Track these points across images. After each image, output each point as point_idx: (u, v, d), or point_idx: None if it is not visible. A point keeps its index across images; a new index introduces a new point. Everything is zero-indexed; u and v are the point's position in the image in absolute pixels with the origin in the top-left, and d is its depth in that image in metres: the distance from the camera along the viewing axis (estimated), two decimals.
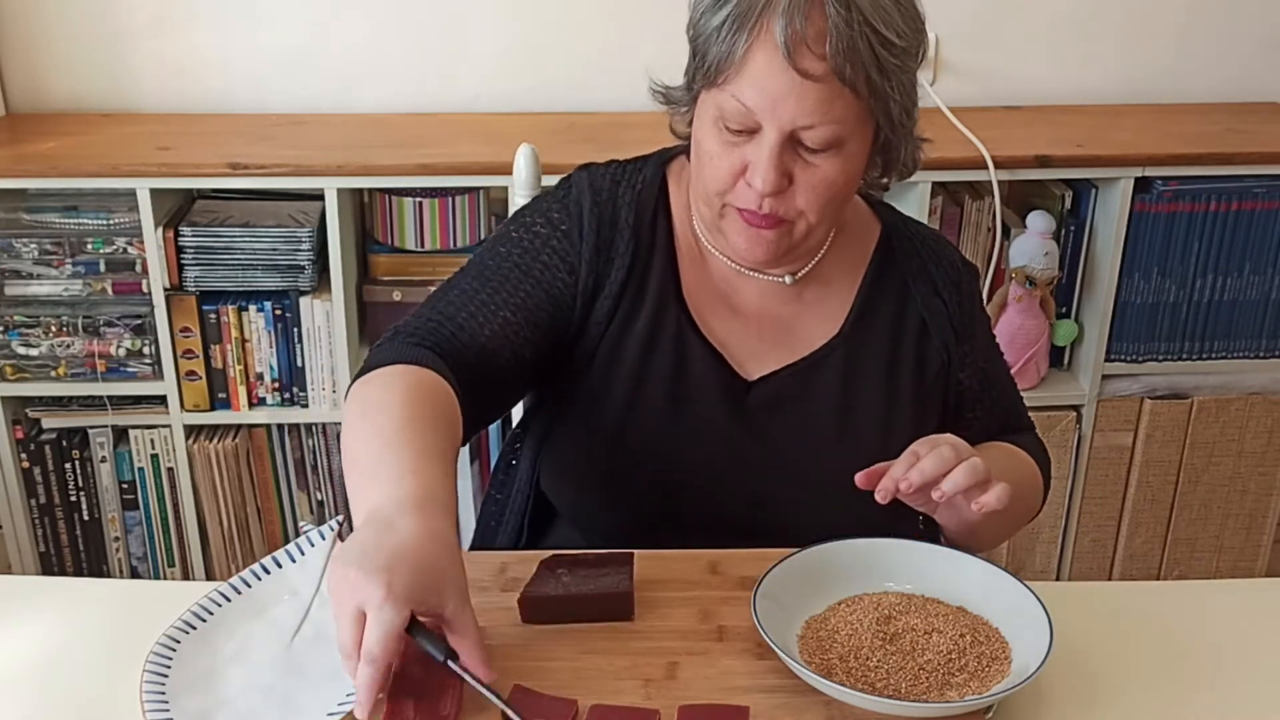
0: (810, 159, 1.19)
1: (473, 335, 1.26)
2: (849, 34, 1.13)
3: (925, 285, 1.36)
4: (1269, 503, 2.47)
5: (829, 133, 1.17)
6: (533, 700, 1.02)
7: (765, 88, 1.15)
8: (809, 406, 1.32)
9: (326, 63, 2.39)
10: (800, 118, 1.16)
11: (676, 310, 1.31)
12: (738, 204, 1.22)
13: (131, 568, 2.41)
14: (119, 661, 1.10)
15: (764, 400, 1.32)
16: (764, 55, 1.15)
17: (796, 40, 1.13)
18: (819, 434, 1.32)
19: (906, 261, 1.36)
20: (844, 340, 1.33)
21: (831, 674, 1.04)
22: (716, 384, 1.31)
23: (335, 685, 1.07)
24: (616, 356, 1.31)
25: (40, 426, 2.32)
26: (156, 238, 2.15)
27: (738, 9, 1.15)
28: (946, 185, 2.29)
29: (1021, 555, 2.47)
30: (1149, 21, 2.44)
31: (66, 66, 2.37)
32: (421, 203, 2.24)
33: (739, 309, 1.33)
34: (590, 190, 1.33)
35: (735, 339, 1.32)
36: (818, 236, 1.27)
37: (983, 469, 1.13)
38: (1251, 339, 2.35)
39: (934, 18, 2.46)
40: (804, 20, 1.13)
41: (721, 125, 1.19)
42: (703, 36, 1.19)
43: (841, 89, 1.15)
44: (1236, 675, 1.11)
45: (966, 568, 1.16)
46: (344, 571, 0.97)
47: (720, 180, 1.22)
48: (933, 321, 1.35)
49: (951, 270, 1.38)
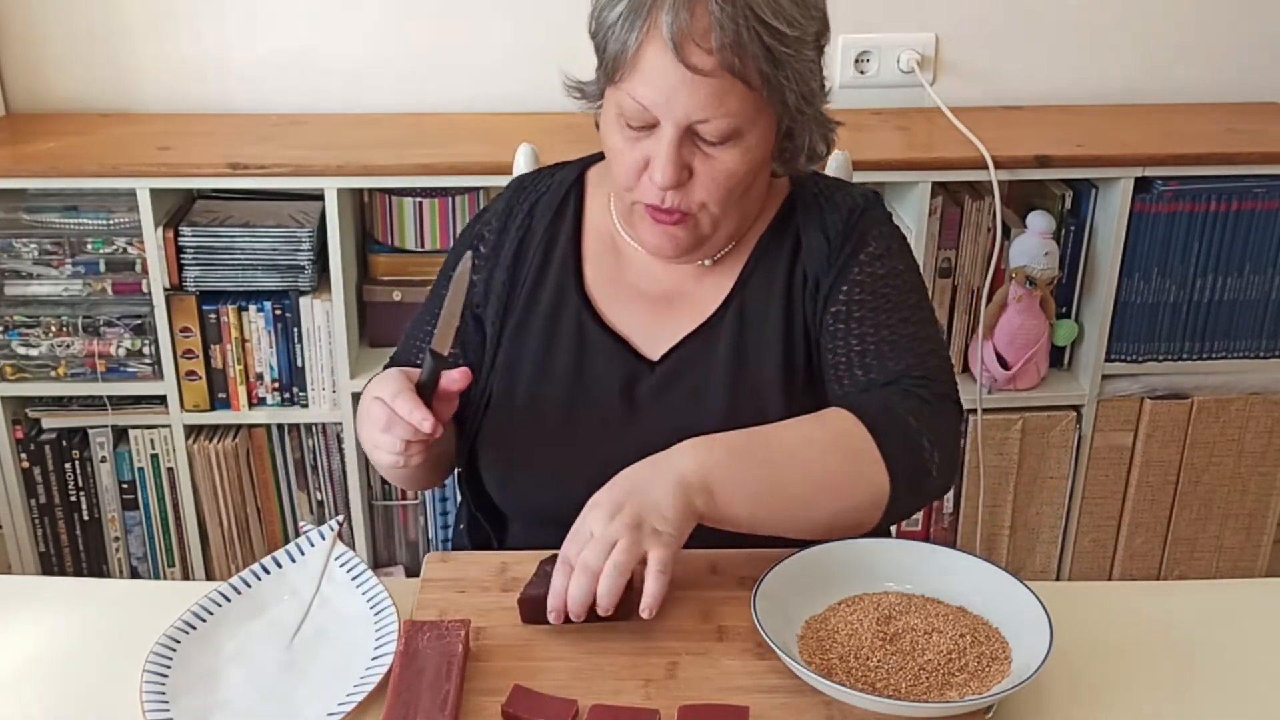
0: (709, 151, 1.21)
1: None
2: (734, 27, 1.14)
3: (815, 229, 1.33)
4: (1269, 503, 2.47)
5: (725, 125, 1.19)
6: (533, 700, 1.02)
7: (657, 84, 1.17)
8: (704, 372, 1.32)
9: (326, 63, 2.39)
10: (694, 112, 1.18)
11: (577, 304, 1.34)
12: (644, 199, 1.25)
13: (131, 568, 2.41)
14: (119, 661, 1.10)
15: (663, 377, 1.33)
16: (654, 52, 1.17)
17: (683, 36, 1.15)
18: (713, 396, 1.31)
19: (805, 214, 1.35)
20: (735, 299, 1.33)
21: (831, 674, 1.04)
22: (619, 371, 1.33)
23: (335, 685, 1.07)
24: (518, 356, 1.36)
25: (40, 426, 2.32)
26: (156, 238, 2.15)
27: (631, 3, 1.17)
28: (946, 185, 2.29)
29: (1021, 555, 2.47)
30: (1149, 21, 2.44)
31: (66, 66, 2.37)
32: (421, 203, 2.24)
33: (649, 294, 1.35)
34: (498, 204, 1.40)
35: (642, 324, 1.35)
36: (726, 229, 1.29)
37: (618, 571, 1.07)
38: (1251, 339, 2.35)
39: (934, 18, 2.49)
40: (689, 16, 1.14)
41: (623, 122, 1.22)
42: (602, 31, 1.22)
43: (733, 82, 1.17)
44: (1236, 675, 1.11)
45: (966, 568, 1.16)
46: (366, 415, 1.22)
47: (626, 175, 1.25)
48: (811, 261, 1.32)
49: (847, 210, 1.33)
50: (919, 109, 2.42)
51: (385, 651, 1.09)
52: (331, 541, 1.22)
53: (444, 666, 1.04)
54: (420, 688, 1.02)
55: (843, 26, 2.40)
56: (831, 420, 1.20)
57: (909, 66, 2.41)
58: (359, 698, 1.04)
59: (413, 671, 1.04)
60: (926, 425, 1.21)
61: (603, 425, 1.33)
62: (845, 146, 1.65)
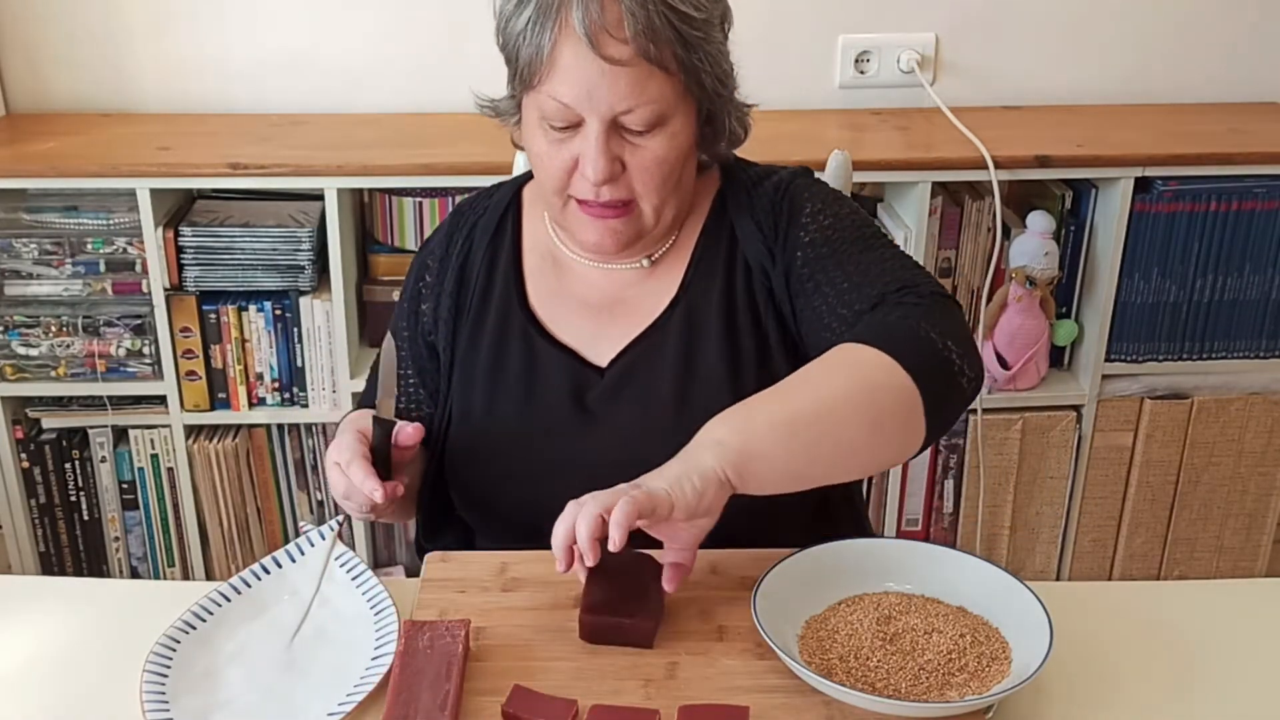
0: (637, 141, 1.22)
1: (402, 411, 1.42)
2: (645, 14, 1.16)
3: (747, 219, 1.33)
4: (1269, 503, 2.47)
5: (649, 113, 1.20)
6: (533, 700, 1.02)
7: (577, 80, 1.18)
8: (651, 376, 1.32)
9: (326, 63, 2.39)
10: (617, 103, 1.19)
11: (522, 320, 1.35)
12: (577, 195, 1.25)
13: (131, 568, 2.41)
14: (119, 661, 1.10)
15: (612, 382, 1.33)
16: (570, 49, 1.18)
17: (596, 29, 1.16)
18: (661, 400, 1.31)
19: (736, 206, 1.35)
20: (680, 301, 1.33)
21: (831, 674, 1.04)
22: (568, 381, 1.33)
23: (335, 685, 1.07)
24: (470, 376, 1.37)
25: (40, 426, 2.32)
26: (156, 238, 2.15)
27: (538, 7, 1.19)
28: (946, 185, 2.29)
29: (1021, 555, 2.47)
30: (1149, 21, 2.44)
31: (66, 66, 2.37)
32: (421, 203, 2.24)
33: (592, 302, 1.35)
34: (438, 231, 1.43)
35: (588, 333, 1.35)
36: (667, 218, 1.30)
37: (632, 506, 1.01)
38: (1251, 339, 2.35)
39: (934, 18, 2.49)
40: (599, 8, 1.16)
41: (546, 125, 1.23)
42: (511, 41, 1.23)
43: (651, 69, 1.19)
44: (1236, 675, 1.11)
45: (966, 568, 1.16)
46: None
47: (555, 178, 1.25)
48: (749, 250, 1.32)
49: (771, 189, 1.33)
50: (919, 109, 2.42)
51: (385, 651, 1.09)
52: (331, 541, 1.23)
53: (444, 666, 1.04)
54: (420, 688, 1.02)
55: (843, 26, 2.40)
56: (841, 351, 1.15)
57: (909, 66, 2.41)
58: (359, 698, 1.04)
59: (413, 671, 1.04)
60: (929, 323, 1.16)
61: (558, 435, 1.32)
62: (845, 146, 1.66)
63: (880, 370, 1.12)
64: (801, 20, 2.39)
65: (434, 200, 2.24)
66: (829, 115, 2.41)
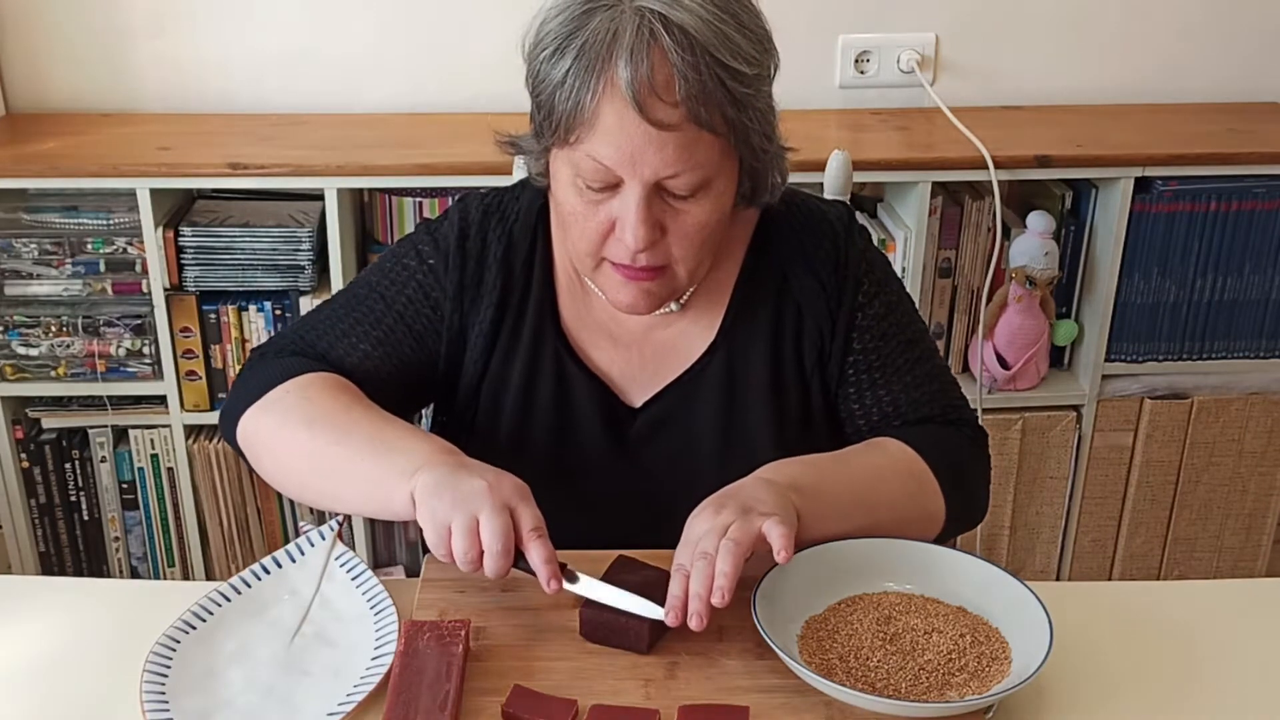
0: (679, 205, 1.14)
1: (337, 364, 1.28)
2: (697, 77, 1.07)
3: (801, 267, 1.28)
4: (1269, 503, 2.47)
5: (695, 178, 1.12)
6: (533, 700, 1.02)
7: (620, 144, 1.09)
8: (691, 422, 1.28)
9: (326, 63, 2.39)
10: (663, 169, 1.10)
11: (555, 343, 1.28)
12: (612, 258, 1.18)
13: (131, 568, 2.41)
14: (119, 661, 1.10)
15: (648, 424, 1.29)
16: (614, 110, 1.09)
17: (644, 92, 1.07)
18: (703, 448, 1.28)
19: (782, 246, 1.28)
20: (720, 347, 1.28)
21: (831, 674, 1.04)
22: (600, 414, 1.28)
23: (335, 685, 1.07)
24: (500, 392, 1.30)
25: (40, 426, 2.32)
26: (156, 238, 2.15)
27: (580, 61, 1.09)
28: (946, 185, 2.29)
29: (1021, 555, 2.47)
30: (1149, 21, 2.44)
31: (66, 66, 2.37)
32: (421, 203, 2.24)
33: (620, 339, 1.30)
34: (459, 224, 1.30)
35: (617, 369, 1.30)
36: (700, 276, 1.24)
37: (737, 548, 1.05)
38: (1251, 339, 2.35)
39: (934, 18, 2.49)
40: (650, 68, 1.07)
41: (581, 185, 1.14)
42: (546, 90, 1.13)
43: (699, 132, 1.10)
44: (1236, 675, 1.11)
45: (966, 568, 1.16)
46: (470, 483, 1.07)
47: (590, 239, 1.17)
48: (807, 305, 1.28)
49: (831, 246, 1.28)
50: (919, 109, 2.42)
51: (385, 651, 1.09)
52: (331, 541, 1.22)
53: (444, 666, 1.04)
54: (420, 688, 1.02)
55: (843, 26, 2.40)
56: (894, 449, 1.24)
57: (909, 66, 2.41)
58: (359, 698, 1.04)
59: (413, 671, 1.04)
60: (972, 461, 1.29)
61: (591, 460, 1.29)
62: (845, 146, 1.66)
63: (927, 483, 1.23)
64: (801, 20, 2.39)
65: (434, 200, 2.24)
66: (829, 115, 2.41)
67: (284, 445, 1.21)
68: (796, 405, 1.29)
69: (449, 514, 1.06)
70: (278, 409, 1.22)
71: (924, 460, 1.23)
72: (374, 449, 1.15)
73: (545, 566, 1.06)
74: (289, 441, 1.20)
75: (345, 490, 1.17)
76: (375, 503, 1.15)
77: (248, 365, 1.30)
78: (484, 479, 1.08)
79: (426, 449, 1.13)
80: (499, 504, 1.06)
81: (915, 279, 2.23)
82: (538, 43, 1.15)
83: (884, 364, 1.29)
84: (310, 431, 1.18)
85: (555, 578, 1.06)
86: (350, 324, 1.29)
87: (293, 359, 1.27)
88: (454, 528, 1.06)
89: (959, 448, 1.28)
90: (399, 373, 1.29)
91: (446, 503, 1.06)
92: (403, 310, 1.30)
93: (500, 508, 1.06)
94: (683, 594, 1.05)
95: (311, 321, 1.32)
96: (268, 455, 1.23)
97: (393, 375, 1.29)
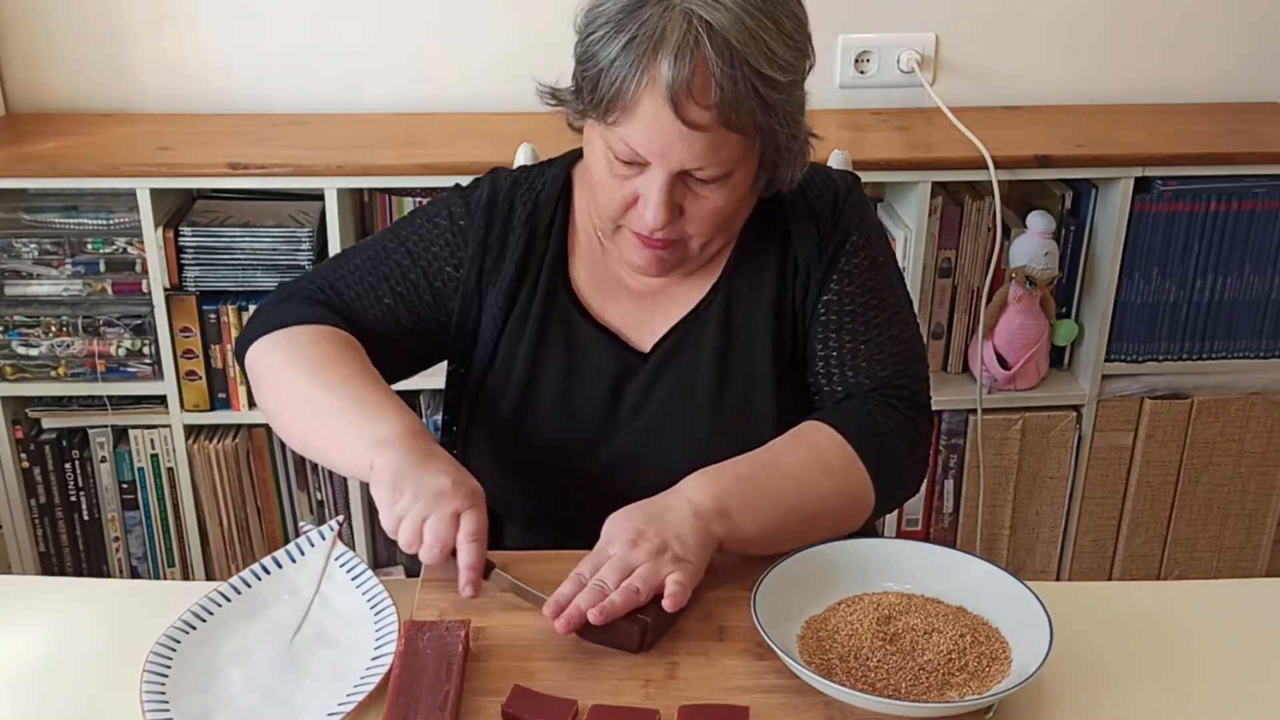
0: (699, 190, 1.23)
1: (359, 313, 1.36)
2: (732, 85, 1.14)
3: (803, 215, 1.34)
4: (1269, 503, 2.47)
5: (718, 171, 1.20)
6: (533, 700, 1.02)
7: (653, 136, 1.18)
8: (692, 360, 1.34)
9: (326, 63, 2.39)
10: (689, 161, 1.19)
11: (565, 300, 1.35)
12: (631, 227, 1.26)
13: (131, 568, 2.41)
14: (119, 661, 1.10)
15: (655, 366, 1.34)
16: (652, 104, 1.16)
17: (681, 92, 1.14)
18: (701, 384, 1.33)
19: (791, 202, 1.34)
20: (723, 287, 1.34)
21: (831, 674, 1.04)
22: (611, 364, 1.34)
23: (335, 685, 1.07)
24: (513, 351, 1.36)
25: (40, 426, 2.32)
26: (156, 238, 2.15)
27: (628, 51, 1.15)
28: (946, 185, 2.29)
29: (1021, 555, 2.47)
30: (1149, 21, 2.44)
31: (66, 66, 2.37)
32: (421, 203, 2.24)
33: (637, 290, 1.36)
34: (489, 191, 1.38)
35: (631, 318, 1.36)
36: (712, 249, 1.31)
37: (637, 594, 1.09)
38: (1251, 339, 2.35)
39: (934, 18, 2.49)
40: (690, 71, 1.13)
41: (611, 159, 1.22)
42: (593, 68, 1.19)
43: (728, 134, 1.18)
44: (1236, 675, 1.11)
45: (966, 568, 1.16)
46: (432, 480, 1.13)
47: (612, 208, 1.25)
48: (801, 249, 1.34)
49: (831, 199, 1.34)
50: (919, 109, 2.42)
51: (385, 651, 1.09)
52: (331, 541, 1.22)
53: (444, 666, 1.04)
54: (420, 688, 1.02)
55: (843, 26, 2.40)
56: (823, 443, 1.26)
57: (909, 66, 2.41)
58: (359, 698, 1.04)
59: (413, 671, 1.04)
60: (905, 440, 1.30)
61: (595, 417, 1.34)
62: (845, 146, 1.66)
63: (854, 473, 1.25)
64: None
65: None
66: (829, 115, 2.41)
67: (281, 381, 1.29)
68: (790, 346, 1.34)
69: (404, 508, 1.13)
70: (285, 347, 1.30)
71: (851, 445, 1.26)
72: (355, 408, 1.22)
73: (467, 571, 1.11)
74: (287, 379, 1.28)
75: (315, 438, 1.26)
76: (337, 456, 1.24)
77: (273, 298, 1.38)
78: (443, 480, 1.14)
79: (400, 426, 1.19)
80: (448, 512, 1.12)
81: (915, 279, 2.23)
82: (590, 21, 1.21)
83: (854, 314, 1.33)
84: (307, 376, 1.26)
85: (472, 584, 1.11)
86: (378, 277, 1.36)
87: (317, 307, 1.34)
88: (404, 523, 1.13)
89: (890, 426, 1.30)
90: (415, 327, 1.37)
91: (406, 497, 1.13)
92: (426, 266, 1.37)
93: (449, 516, 1.12)
94: (570, 596, 1.10)
95: (340, 269, 1.39)
96: (266, 386, 1.31)
97: (410, 329, 1.37)
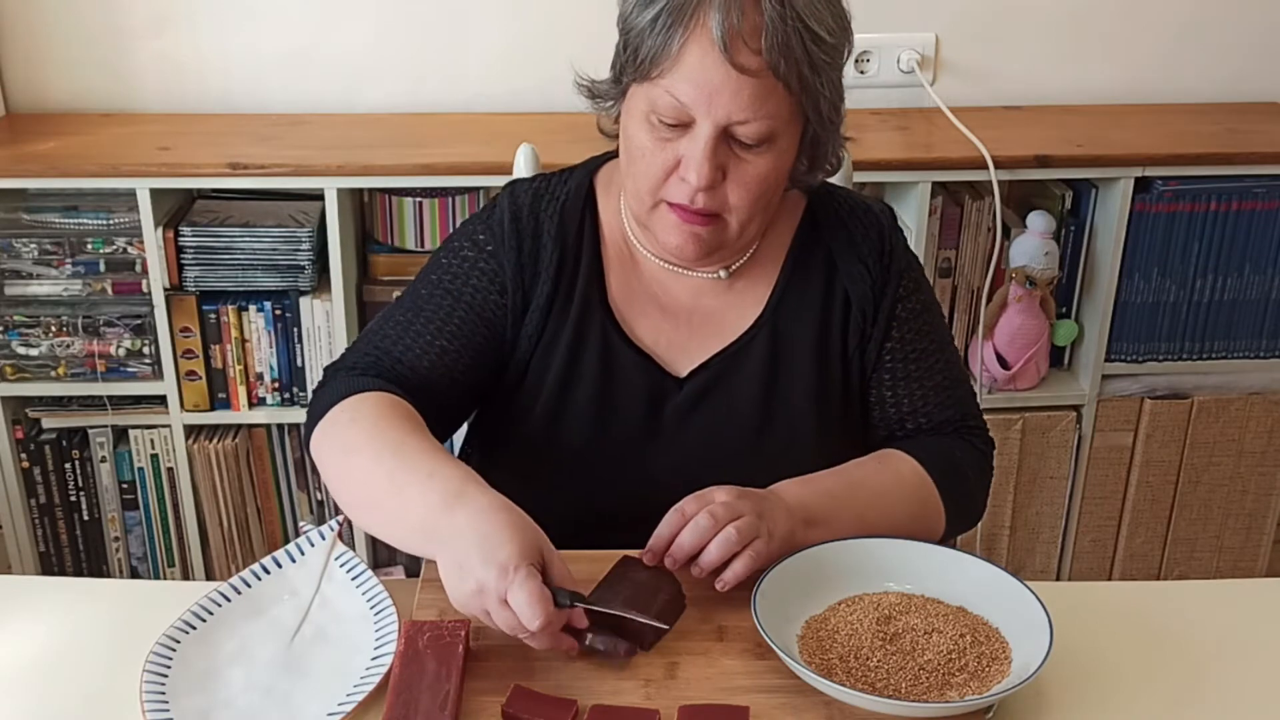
0: (743, 154, 1.20)
1: (412, 367, 1.29)
2: (783, 29, 1.14)
3: (849, 254, 1.34)
4: (1269, 503, 2.47)
5: (763, 128, 1.18)
6: (533, 700, 1.02)
7: (700, 82, 1.16)
8: (734, 393, 1.32)
9: (326, 63, 2.39)
10: (735, 112, 1.17)
11: (601, 317, 1.32)
12: (670, 199, 1.23)
13: (131, 568, 2.41)
14: (119, 661, 1.10)
15: (692, 394, 1.32)
16: (700, 49, 1.15)
17: (733, 34, 1.14)
18: (743, 420, 1.32)
19: (833, 235, 1.34)
20: (767, 322, 1.33)
21: (831, 674, 1.04)
22: (644, 387, 1.31)
23: (335, 685, 1.07)
24: (545, 367, 1.32)
25: (40, 426, 2.32)
26: (156, 238, 2.15)
27: (667, 9, 1.16)
28: (946, 185, 2.29)
29: (1021, 555, 2.47)
30: (1149, 21, 2.44)
31: (66, 66, 2.37)
32: (421, 203, 2.24)
33: (669, 308, 1.33)
34: (511, 208, 1.33)
35: (665, 339, 1.33)
36: (750, 234, 1.28)
37: (735, 539, 1.11)
38: (1251, 339, 2.35)
39: (934, 18, 2.48)
40: (740, 15, 1.14)
41: (654, 120, 1.20)
42: (635, 30, 1.19)
43: (775, 84, 1.16)
44: (1236, 675, 1.11)
45: (966, 568, 1.16)
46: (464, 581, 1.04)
47: (653, 176, 1.22)
48: (853, 290, 1.33)
49: (878, 238, 1.34)
50: (919, 109, 2.42)
51: (385, 651, 1.09)
52: (331, 541, 1.23)
53: (444, 666, 1.04)
54: (420, 688, 1.02)
55: None
56: (906, 474, 1.29)
57: (909, 66, 2.41)
58: (359, 698, 1.04)
59: (413, 671, 1.04)
60: (978, 475, 1.36)
61: (629, 441, 1.32)
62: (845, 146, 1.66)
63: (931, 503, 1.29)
64: None
65: (434, 200, 2.24)
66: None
67: (334, 473, 1.24)
68: (837, 386, 1.34)
69: (466, 604, 1.06)
70: (331, 434, 1.24)
71: (931, 478, 1.29)
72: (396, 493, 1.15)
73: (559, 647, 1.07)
74: (337, 469, 1.23)
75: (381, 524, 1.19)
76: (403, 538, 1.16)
77: (320, 382, 1.32)
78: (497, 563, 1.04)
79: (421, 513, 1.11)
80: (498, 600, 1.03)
81: None
82: None
83: (918, 358, 1.35)
84: (355, 460, 1.20)
85: (570, 648, 1.08)
86: (422, 324, 1.31)
87: (359, 378, 1.27)
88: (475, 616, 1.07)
89: (968, 462, 1.35)
90: (476, 364, 1.32)
91: (466, 593, 1.05)
92: (471, 299, 1.32)
93: (502, 604, 1.03)
94: (669, 536, 1.12)
95: (382, 330, 1.33)
96: (327, 480, 1.26)
97: (470, 367, 1.32)
